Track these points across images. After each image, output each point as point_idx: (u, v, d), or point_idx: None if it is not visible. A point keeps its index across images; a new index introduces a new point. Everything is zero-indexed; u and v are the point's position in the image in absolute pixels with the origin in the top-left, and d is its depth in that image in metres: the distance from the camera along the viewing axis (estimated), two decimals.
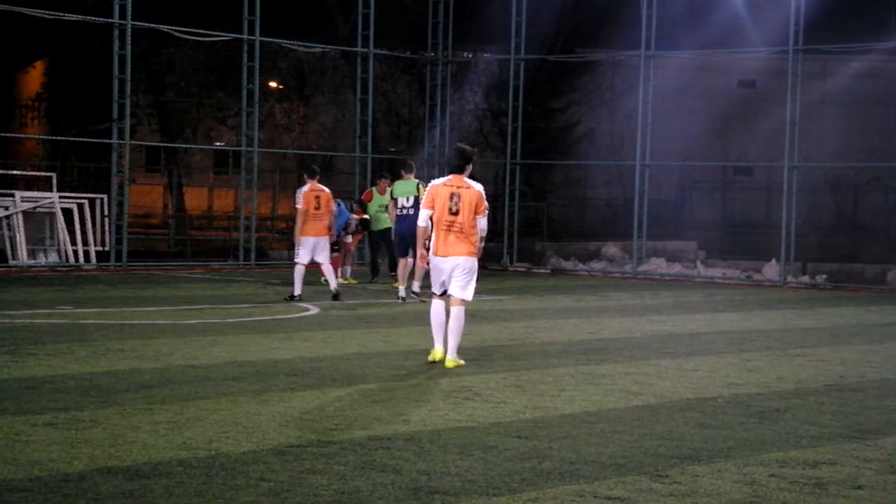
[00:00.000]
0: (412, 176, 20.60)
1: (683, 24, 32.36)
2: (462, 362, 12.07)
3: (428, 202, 12.11)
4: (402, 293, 19.43)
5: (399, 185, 20.63)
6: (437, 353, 12.16)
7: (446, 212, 11.93)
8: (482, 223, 12.00)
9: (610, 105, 41.74)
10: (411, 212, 19.70)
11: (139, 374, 10.91)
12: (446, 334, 12.07)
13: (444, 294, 12.14)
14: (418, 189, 19.81)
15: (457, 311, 11.99)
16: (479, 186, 12.03)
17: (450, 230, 11.94)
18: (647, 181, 29.08)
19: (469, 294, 12.02)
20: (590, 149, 40.96)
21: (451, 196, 11.94)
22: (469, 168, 12.18)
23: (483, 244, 12.24)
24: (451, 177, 12.13)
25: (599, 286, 25.32)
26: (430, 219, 12.16)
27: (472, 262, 12.01)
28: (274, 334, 14.37)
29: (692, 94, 42.87)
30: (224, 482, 7.00)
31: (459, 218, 11.91)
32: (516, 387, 10.82)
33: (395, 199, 20.55)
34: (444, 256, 12.00)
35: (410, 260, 19.41)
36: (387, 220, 23.07)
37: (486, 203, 12.05)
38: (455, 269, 11.96)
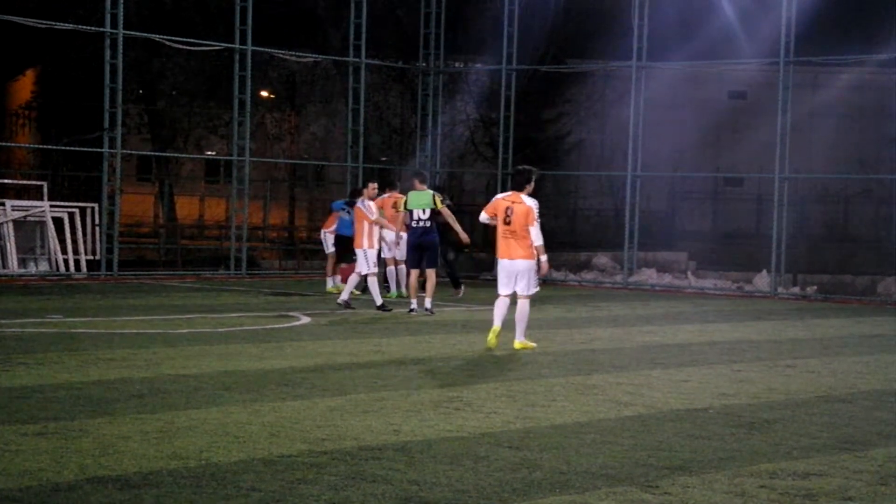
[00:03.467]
0: (426, 187, 19.27)
1: (674, 35, 32.44)
2: (532, 345, 14.53)
3: (490, 210, 14.56)
4: (413, 305, 19.04)
5: (413, 196, 18.97)
6: (496, 328, 14.30)
7: (502, 222, 14.29)
8: (533, 232, 14.18)
9: (601, 116, 41.86)
10: (427, 224, 18.88)
11: (130, 383, 10.90)
12: (508, 320, 14.32)
13: (506, 294, 14.43)
14: (434, 200, 18.79)
15: (522, 304, 14.43)
16: (530, 202, 14.23)
17: (507, 237, 14.33)
18: (637, 192, 29.11)
19: (531, 290, 14.40)
20: (581, 159, 41.04)
21: (507, 209, 14.27)
22: (529, 186, 14.39)
23: (543, 250, 14.32)
24: (510, 192, 14.54)
25: (590, 296, 25.33)
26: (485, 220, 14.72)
27: (530, 264, 14.34)
28: (265, 344, 14.36)
29: (683, 105, 43.01)
30: (214, 492, 6.99)
31: (512, 227, 14.25)
32: (507, 397, 10.82)
33: (409, 211, 19.08)
34: (506, 259, 14.39)
35: (415, 270, 19.25)
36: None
37: (535, 215, 14.18)
38: (517, 273, 14.31)
